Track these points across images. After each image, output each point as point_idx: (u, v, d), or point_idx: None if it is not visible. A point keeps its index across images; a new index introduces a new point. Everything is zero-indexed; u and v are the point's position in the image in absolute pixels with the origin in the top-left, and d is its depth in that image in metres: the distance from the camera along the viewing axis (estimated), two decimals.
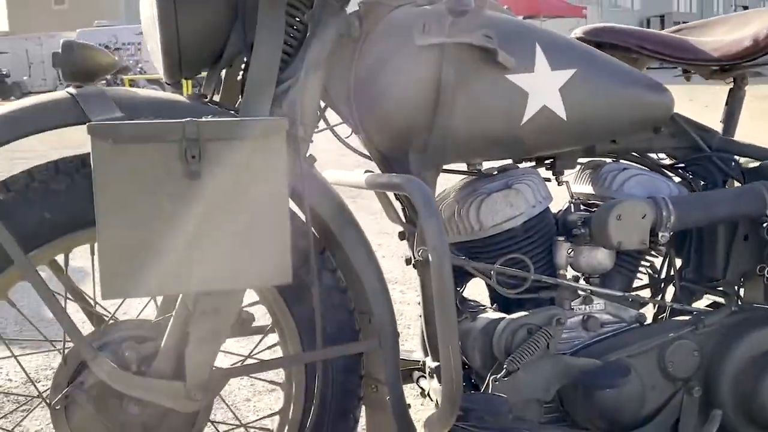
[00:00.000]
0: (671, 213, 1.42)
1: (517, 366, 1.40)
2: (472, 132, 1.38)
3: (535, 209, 1.49)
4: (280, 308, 1.44)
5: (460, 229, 1.52)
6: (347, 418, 1.48)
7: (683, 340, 1.49)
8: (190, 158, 1.14)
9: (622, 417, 1.45)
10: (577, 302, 1.52)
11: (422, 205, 1.18)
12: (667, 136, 1.59)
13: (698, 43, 1.57)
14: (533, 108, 1.38)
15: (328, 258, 1.45)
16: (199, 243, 1.16)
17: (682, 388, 1.50)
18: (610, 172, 1.57)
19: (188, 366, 1.30)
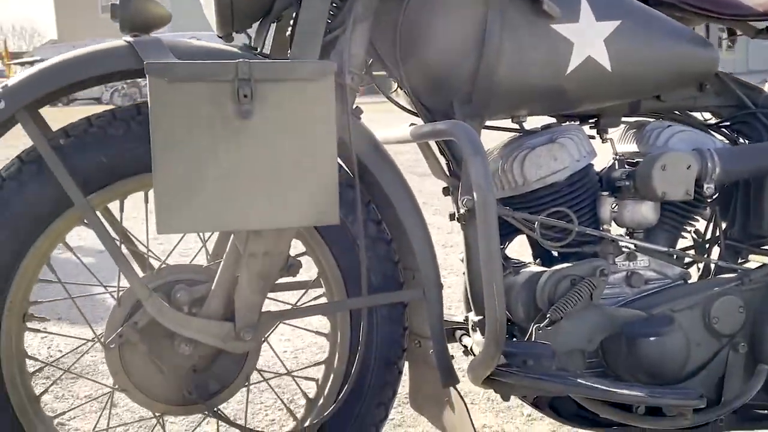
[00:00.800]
0: (716, 164, 1.42)
1: (560, 315, 1.41)
2: (517, 81, 1.40)
3: (579, 163, 1.50)
4: (326, 259, 1.47)
5: (504, 185, 1.54)
6: (391, 368, 1.50)
7: (728, 296, 1.48)
8: (242, 98, 1.18)
9: (665, 370, 1.45)
10: (620, 258, 1.52)
11: (468, 144, 1.20)
12: (712, 94, 1.59)
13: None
14: (578, 58, 1.40)
15: (373, 210, 1.47)
16: (249, 181, 1.20)
17: (727, 345, 1.49)
18: (654, 130, 1.57)
19: (238, 307, 1.33)
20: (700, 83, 1.57)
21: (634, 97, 1.52)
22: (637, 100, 1.55)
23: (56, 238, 1.37)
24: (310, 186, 1.22)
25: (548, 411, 1.54)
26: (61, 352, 2.47)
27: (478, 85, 1.38)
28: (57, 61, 1.33)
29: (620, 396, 1.32)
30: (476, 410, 2.08)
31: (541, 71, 1.39)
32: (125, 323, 1.35)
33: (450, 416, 1.50)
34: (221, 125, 1.18)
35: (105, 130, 1.34)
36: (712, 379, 1.49)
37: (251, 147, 1.19)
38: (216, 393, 1.42)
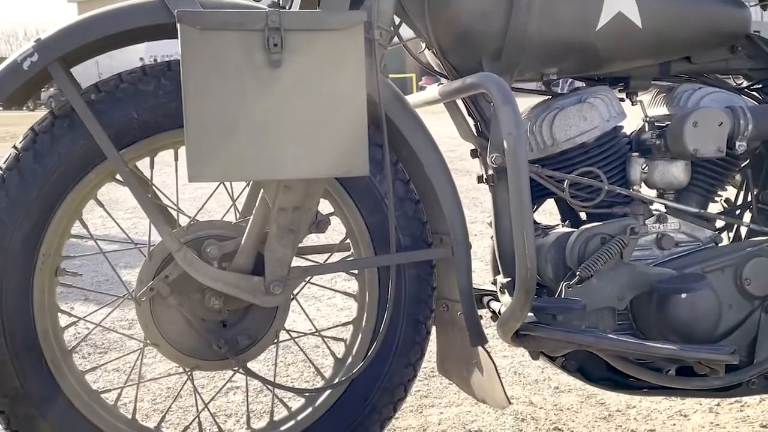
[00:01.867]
0: (749, 121, 1.40)
1: (590, 273, 1.40)
2: (547, 37, 1.39)
3: (609, 123, 1.49)
4: (354, 218, 1.47)
5: (533, 146, 1.53)
6: (420, 327, 1.50)
7: (761, 258, 1.46)
8: (272, 47, 1.18)
9: (696, 331, 1.43)
10: (651, 221, 1.51)
11: (498, 94, 1.20)
12: (744, 56, 1.57)
13: None
14: (609, 13, 1.39)
15: (401, 169, 1.47)
16: (280, 130, 1.20)
17: (759, 307, 1.47)
18: (685, 92, 1.55)
19: (267, 261, 1.34)
20: (732, 45, 1.55)
21: (665, 56, 1.51)
22: (667, 61, 1.54)
23: (88, 193, 1.39)
24: (339, 136, 1.23)
25: (577, 374, 1.53)
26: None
27: (508, 41, 1.37)
28: (88, 16, 1.34)
29: (652, 349, 1.30)
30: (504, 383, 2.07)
31: (572, 27, 1.39)
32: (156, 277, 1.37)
33: (479, 378, 1.50)
34: (251, 74, 1.19)
35: (136, 85, 1.36)
36: (744, 341, 1.47)
37: (281, 96, 1.20)
38: (246, 349, 1.43)
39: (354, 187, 1.45)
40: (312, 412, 1.49)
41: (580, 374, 1.53)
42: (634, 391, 1.52)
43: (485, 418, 1.86)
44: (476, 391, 1.53)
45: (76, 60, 1.42)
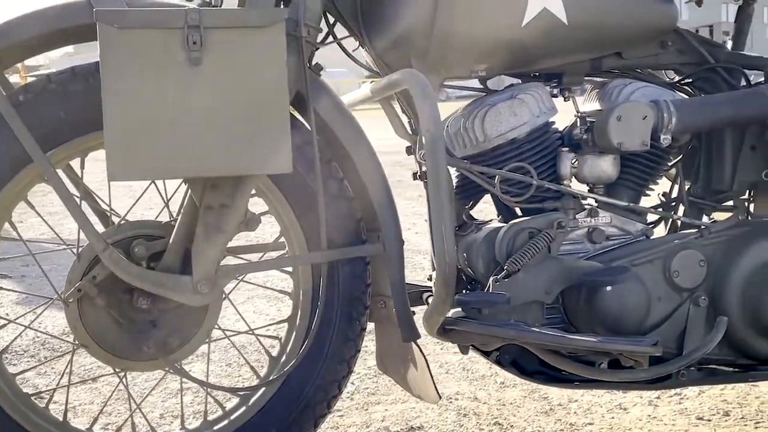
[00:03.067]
0: (672, 115, 1.42)
1: (517, 267, 1.42)
2: (473, 34, 1.40)
3: (539, 119, 1.50)
4: (288, 216, 1.47)
5: (467, 142, 1.54)
6: (354, 324, 1.51)
7: (689, 250, 1.48)
8: (192, 44, 1.19)
9: (625, 324, 1.45)
10: (582, 215, 1.52)
11: (418, 89, 1.21)
12: (674, 51, 1.59)
13: None
14: (534, 10, 1.40)
15: (335, 167, 1.48)
16: (201, 128, 1.20)
17: (688, 299, 1.49)
18: (616, 87, 1.57)
19: (194, 260, 1.34)
20: (662, 41, 1.57)
21: (594, 52, 1.53)
22: (597, 57, 1.55)
23: (17, 195, 1.38)
24: (262, 134, 1.23)
25: (511, 368, 1.54)
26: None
27: (435, 38, 1.38)
28: (14, 18, 1.34)
29: (573, 342, 1.32)
30: (451, 379, 2.09)
31: (497, 23, 1.40)
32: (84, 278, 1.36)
33: (413, 373, 1.51)
34: (172, 72, 1.19)
35: (65, 86, 1.35)
36: (674, 333, 1.49)
37: (201, 94, 1.20)
38: (176, 348, 1.42)
39: (287, 186, 1.46)
40: (246, 411, 1.49)
41: (513, 368, 1.54)
42: (566, 384, 1.54)
43: (428, 414, 1.87)
44: (412, 387, 1.54)
45: (8, 62, 1.42)
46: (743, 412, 1.80)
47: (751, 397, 1.87)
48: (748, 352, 1.51)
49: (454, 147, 1.57)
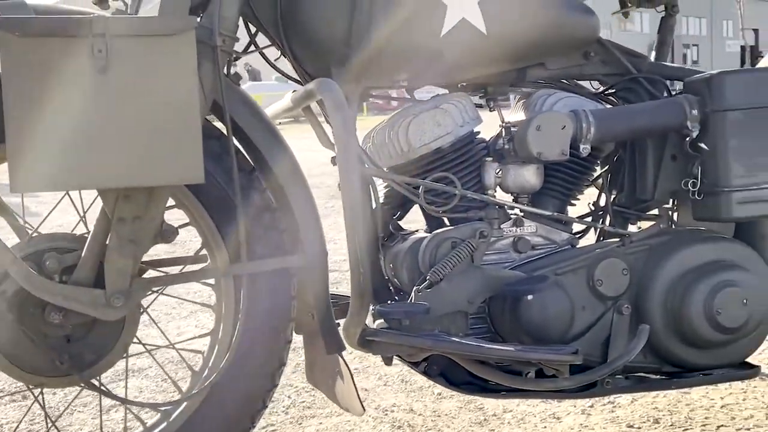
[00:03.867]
0: (591, 124, 1.43)
1: (440, 277, 1.41)
2: (391, 43, 1.40)
3: (462, 129, 1.50)
4: (209, 228, 1.45)
5: (392, 153, 1.54)
6: (277, 337, 1.48)
7: (612, 259, 1.49)
8: (97, 53, 1.16)
9: (549, 332, 1.45)
10: (508, 224, 1.52)
11: (331, 100, 1.20)
12: (598, 62, 1.60)
13: None
14: (452, 20, 1.40)
15: (257, 178, 1.46)
16: (108, 138, 1.18)
17: (612, 307, 1.49)
18: (540, 97, 1.58)
19: (107, 273, 1.31)
20: (585, 51, 1.58)
21: (517, 63, 1.53)
22: (521, 67, 1.56)
23: None
24: (172, 144, 1.21)
25: (439, 379, 1.53)
26: None
27: (353, 47, 1.38)
28: None
29: (489, 351, 1.32)
30: (388, 391, 2.07)
31: (415, 33, 1.40)
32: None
33: (339, 385, 1.49)
34: (77, 81, 1.16)
35: None
36: (598, 341, 1.49)
37: (108, 103, 1.18)
38: (92, 364, 1.39)
39: (207, 197, 1.43)
40: (167, 427, 1.45)
41: (442, 379, 1.53)
42: (494, 394, 1.53)
43: (363, 427, 1.85)
44: (339, 399, 1.52)
45: None
46: (673, 419, 1.81)
47: (681, 405, 1.88)
48: (671, 360, 1.52)
49: (380, 157, 1.56)
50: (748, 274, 1.48)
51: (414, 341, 1.30)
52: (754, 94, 1.41)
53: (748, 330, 1.48)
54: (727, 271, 1.47)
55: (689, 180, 1.46)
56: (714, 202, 1.44)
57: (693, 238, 1.51)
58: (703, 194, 1.46)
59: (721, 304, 1.45)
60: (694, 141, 1.46)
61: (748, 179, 1.42)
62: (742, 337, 1.49)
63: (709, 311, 1.45)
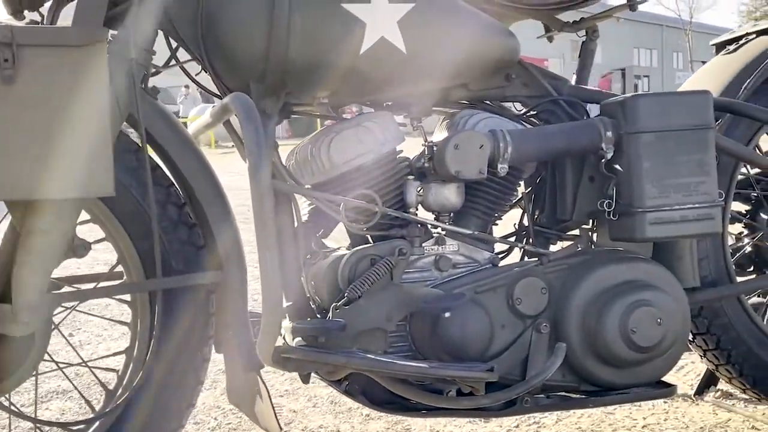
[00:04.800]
0: (508, 144, 1.45)
1: (358, 294, 1.40)
2: (311, 60, 1.40)
3: (384, 147, 1.51)
4: (125, 243, 1.43)
5: (314, 170, 1.53)
6: (194, 355, 1.46)
7: (531, 278, 1.50)
8: (3, 62, 1.14)
9: (468, 351, 1.45)
10: (429, 243, 1.53)
11: (243, 114, 1.20)
12: (519, 84, 1.63)
13: None
14: (371, 38, 1.41)
15: (174, 192, 1.45)
16: (14, 149, 1.16)
17: (531, 325, 1.51)
18: (462, 117, 1.60)
19: (15, 287, 1.28)
20: (507, 73, 1.61)
21: (436, 83, 1.55)
22: (444, 87, 1.58)
23: None
24: (82, 156, 1.19)
25: (361, 398, 1.52)
26: None
27: (270, 63, 1.38)
28: None
29: (403, 368, 1.31)
30: (317, 412, 2.05)
31: (334, 50, 1.40)
32: None
33: (258, 405, 1.47)
34: None
35: None
36: (517, 360, 1.50)
37: (15, 113, 1.16)
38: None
39: (122, 211, 1.41)
40: None
41: (363, 398, 1.52)
42: (413, 413, 1.53)
43: None
44: (259, 419, 1.50)
45: None
46: None
47: (604, 425, 1.90)
48: (589, 378, 1.53)
49: (302, 174, 1.56)
50: (663, 294, 1.50)
51: (327, 358, 1.29)
52: (666, 117, 1.45)
53: (663, 349, 1.51)
54: (642, 290, 1.49)
55: (605, 201, 1.49)
56: (628, 223, 1.47)
57: (609, 258, 1.53)
58: (618, 215, 1.48)
59: (636, 323, 1.47)
60: (609, 162, 1.49)
61: (660, 200, 1.45)
62: (657, 356, 1.52)
63: (624, 330, 1.47)
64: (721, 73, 1.73)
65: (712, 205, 1.47)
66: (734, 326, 1.71)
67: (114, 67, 1.32)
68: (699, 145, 1.46)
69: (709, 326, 1.72)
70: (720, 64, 1.78)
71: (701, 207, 1.46)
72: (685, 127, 1.45)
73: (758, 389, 1.74)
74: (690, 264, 1.61)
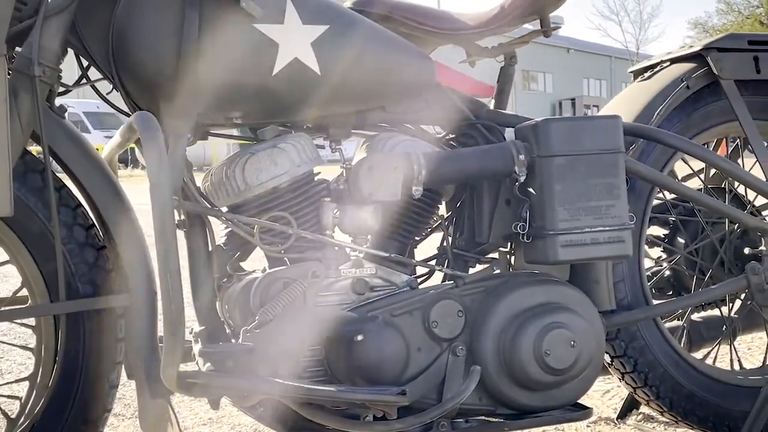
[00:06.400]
0: (422, 167, 1.45)
1: (269, 317, 1.38)
2: (221, 80, 1.39)
3: (300, 168, 1.50)
4: (29, 266, 1.39)
5: (229, 191, 1.51)
6: (101, 382, 1.42)
7: (447, 301, 1.50)
8: None
9: (383, 374, 1.44)
10: (347, 265, 1.52)
11: (146, 135, 1.18)
12: (438, 107, 1.64)
13: (459, 15, 1.64)
14: (284, 59, 1.41)
15: (81, 214, 1.42)
16: None
17: (447, 349, 1.50)
18: (381, 139, 1.60)
19: None
20: (425, 97, 1.62)
21: (353, 106, 1.55)
22: (361, 110, 1.58)
23: None
24: None
25: (275, 425, 1.49)
26: None
27: (180, 84, 1.36)
28: None
29: (311, 392, 1.29)
30: None
31: (245, 71, 1.39)
32: None
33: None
34: None
35: None
36: (433, 383, 1.49)
37: None
38: None
39: (27, 233, 1.38)
40: None
41: (278, 424, 1.49)
42: None
43: None
44: None
45: None
46: None
47: None
48: (505, 401, 1.53)
49: (218, 196, 1.54)
50: (577, 316, 1.51)
51: (233, 383, 1.27)
52: (577, 141, 1.47)
53: (577, 371, 1.51)
54: (556, 313, 1.50)
55: (519, 224, 1.50)
56: (541, 246, 1.48)
57: (524, 281, 1.54)
58: (532, 237, 1.49)
59: (550, 345, 1.47)
60: (522, 185, 1.50)
61: (571, 223, 1.46)
62: (572, 379, 1.52)
63: (538, 352, 1.47)
64: (636, 100, 1.76)
65: (623, 228, 1.49)
66: (651, 349, 1.73)
67: (15, 83, 1.29)
68: (609, 168, 1.48)
69: (627, 349, 1.73)
70: (635, 91, 1.82)
71: (612, 230, 1.48)
72: (596, 151, 1.47)
73: (674, 412, 1.76)
74: (606, 287, 1.63)
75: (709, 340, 1.94)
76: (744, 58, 1.73)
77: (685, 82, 1.72)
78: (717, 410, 1.76)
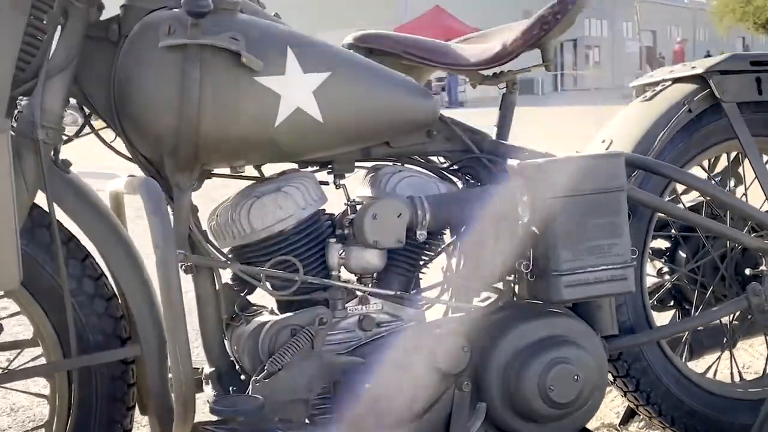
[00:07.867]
0: (426, 211, 1.46)
1: (278, 367, 1.41)
2: (224, 134, 1.39)
3: (305, 211, 1.51)
4: (40, 318, 1.41)
5: (234, 234, 1.52)
6: (115, 427, 1.45)
7: (452, 336, 1.52)
8: None
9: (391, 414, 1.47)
10: (353, 303, 1.54)
11: (148, 202, 1.19)
12: (441, 139, 1.63)
13: (461, 49, 1.63)
14: (286, 110, 1.40)
15: (90, 264, 1.43)
16: None
17: (453, 384, 1.53)
18: (385, 175, 1.60)
19: None
20: (428, 130, 1.61)
21: (356, 144, 1.55)
22: (363, 147, 1.58)
23: None
24: None
25: None
26: None
27: (182, 138, 1.36)
28: None
29: None
30: None
31: (248, 123, 1.39)
32: None
33: None
34: None
35: None
36: (440, 419, 1.52)
37: None
38: None
39: (37, 287, 1.39)
40: None
41: None
42: None
43: None
44: None
45: None
46: None
47: None
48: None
49: (224, 236, 1.55)
50: (580, 350, 1.53)
51: None
52: (580, 181, 1.47)
53: (581, 403, 1.54)
54: (560, 347, 1.52)
55: (522, 262, 1.51)
56: (544, 285, 1.50)
57: (528, 314, 1.55)
58: (535, 276, 1.51)
59: (554, 380, 1.50)
60: (525, 225, 1.50)
61: (574, 263, 1.47)
62: (577, 410, 1.55)
63: (543, 388, 1.50)
64: (638, 124, 1.76)
65: (625, 266, 1.50)
66: (653, 369, 1.76)
67: (19, 146, 1.30)
68: (611, 207, 1.49)
69: (629, 369, 1.76)
70: (638, 111, 1.81)
71: (615, 268, 1.50)
72: (598, 191, 1.48)
73: (676, 428, 1.80)
74: (608, 313, 1.65)
75: (710, 348, 1.98)
76: (746, 80, 1.72)
77: (687, 106, 1.71)
78: (718, 425, 1.80)
